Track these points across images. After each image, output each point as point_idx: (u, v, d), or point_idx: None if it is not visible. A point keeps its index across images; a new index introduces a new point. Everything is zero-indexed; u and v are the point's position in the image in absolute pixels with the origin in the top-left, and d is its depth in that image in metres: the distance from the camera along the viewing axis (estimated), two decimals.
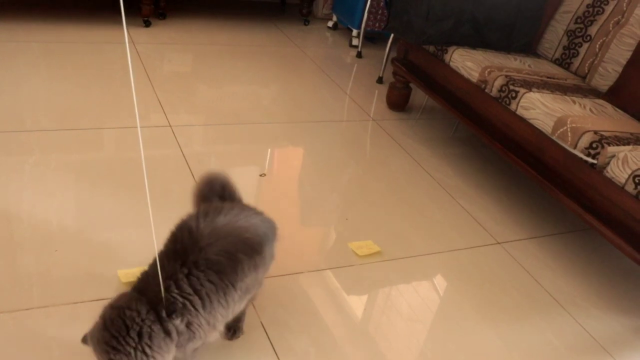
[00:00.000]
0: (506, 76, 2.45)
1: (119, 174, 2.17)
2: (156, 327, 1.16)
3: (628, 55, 2.53)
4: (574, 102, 2.33)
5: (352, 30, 4.10)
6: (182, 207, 2.06)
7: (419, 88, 2.93)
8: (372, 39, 4.28)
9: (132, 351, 1.12)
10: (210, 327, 1.28)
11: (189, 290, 1.22)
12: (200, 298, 1.23)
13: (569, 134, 2.12)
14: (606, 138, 2.04)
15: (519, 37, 2.88)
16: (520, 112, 2.33)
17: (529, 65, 2.71)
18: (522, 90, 2.34)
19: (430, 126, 3.10)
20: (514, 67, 2.63)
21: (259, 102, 2.97)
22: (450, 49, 2.73)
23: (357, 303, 1.81)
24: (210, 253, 1.27)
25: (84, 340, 1.19)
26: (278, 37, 3.96)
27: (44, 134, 2.33)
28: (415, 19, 2.72)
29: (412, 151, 2.77)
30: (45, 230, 1.83)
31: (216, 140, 2.55)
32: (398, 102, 3.18)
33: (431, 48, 2.84)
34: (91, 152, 2.28)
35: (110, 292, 1.64)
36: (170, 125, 2.56)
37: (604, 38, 2.67)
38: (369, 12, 3.89)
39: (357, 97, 3.28)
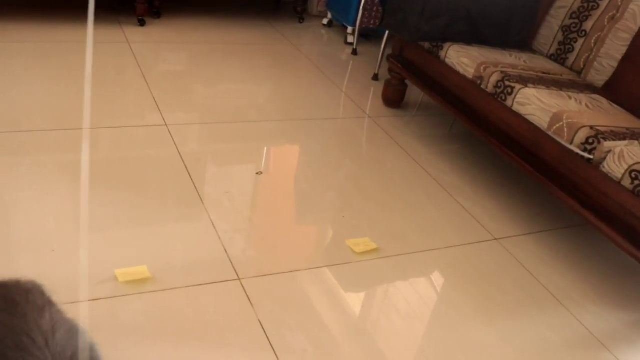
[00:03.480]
0: (502, 72, 2.45)
1: (115, 173, 2.16)
2: None
3: (623, 50, 2.53)
4: (570, 97, 2.33)
5: (347, 28, 4.09)
6: (179, 206, 2.06)
7: (415, 85, 2.93)
8: (367, 36, 4.27)
9: None
10: None
11: None
12: None
13: (565, 129, 2.12)
14: (602, 133, 2.05)
15: (514, 33, 2.88)
16: (516, 108, 2.34)
17: (525, 61, 2.71)
18: (517, 86, 2.34)
19: (426, 123, 3.10)
20: (510, 63, 2.63)
21: (255, 100, 2.97)
22: (446, 46, 2.72)
23: (354, 300, 1.81)
24: None
25: None
26: (273, 35, 3.96)
27: (39, 134, 2.32)
28: (410, 16, 2.72)
29: (408, 148, 2.77)
30: (42, 230, 1.82)
31: (212, 138, 2.55)
32: (394, 99, 3.18)
33: (426, 45, 2.84)
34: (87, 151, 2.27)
35: (108, 291, 1.64)
36: (166, 124, 2.56)
37: (599, 33, 2.67)
38: (364, 9, 3.88)
39: (352, 95, 3.27)
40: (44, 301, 1.07)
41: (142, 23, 3.62)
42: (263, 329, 1.62)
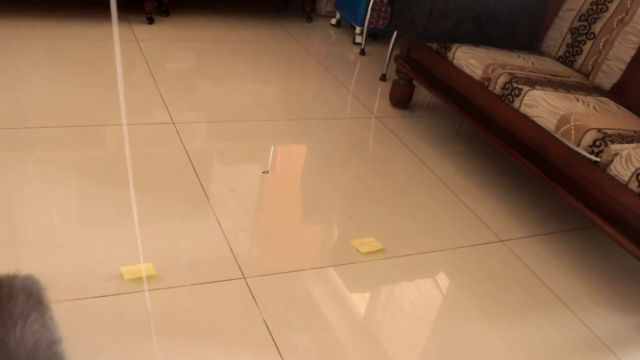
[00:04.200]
0: (509, 74, 2.45)
1: (121, 171, 2.17)
2: None
3: (632, 52, 2.52)
4: (578, 99, 2.32)
5: (355, 28, 4.09)
6: (185, 204, 2.07)
7: (422, 85, 2.92)
8: (375, 36, 4.27)
9: None
10: None
11: None
12: None
13: (573, 131, 2.11)
14: (610, 136, 2.04)
15: (522, 35, 2.88)
16: (523, 109, 2.33)
17: (533, 63, 2.70)
18: (525, 88, 2.34)
19: (433, 124, 3.09)
20: (518, 64, 2.62)
21: (262, 100, 2.97)
22: (454, 47, 2.72)
23: (359, 300, 1.81)
24: None
25: None
26: (281, 35, 3.96)
27: (46, 130, 2.33)
28: (419, 17, 2.71)
29: (415, 149, 2.77)
30: (49, 226, 1.83)
31: (219, 137, 2.55)
32: (401, 100, 3.18)
33: (434, 45, 2.84)
34: (93, 149, 2.28)
35: (113, 288, 1.64)
36: (173, 122, 2.56)
37: (608, 36, 2.66)
38: (372, 9, 3.88)
39: (360, 95, 3.27)
40: (22, 309, 1.04)
41: (150, 21, 3.63)
42: (267, 328, 1.63)
